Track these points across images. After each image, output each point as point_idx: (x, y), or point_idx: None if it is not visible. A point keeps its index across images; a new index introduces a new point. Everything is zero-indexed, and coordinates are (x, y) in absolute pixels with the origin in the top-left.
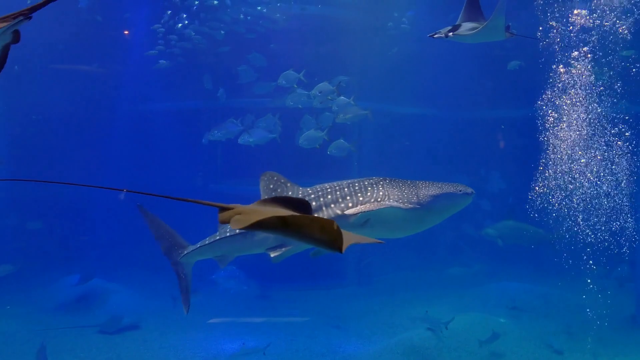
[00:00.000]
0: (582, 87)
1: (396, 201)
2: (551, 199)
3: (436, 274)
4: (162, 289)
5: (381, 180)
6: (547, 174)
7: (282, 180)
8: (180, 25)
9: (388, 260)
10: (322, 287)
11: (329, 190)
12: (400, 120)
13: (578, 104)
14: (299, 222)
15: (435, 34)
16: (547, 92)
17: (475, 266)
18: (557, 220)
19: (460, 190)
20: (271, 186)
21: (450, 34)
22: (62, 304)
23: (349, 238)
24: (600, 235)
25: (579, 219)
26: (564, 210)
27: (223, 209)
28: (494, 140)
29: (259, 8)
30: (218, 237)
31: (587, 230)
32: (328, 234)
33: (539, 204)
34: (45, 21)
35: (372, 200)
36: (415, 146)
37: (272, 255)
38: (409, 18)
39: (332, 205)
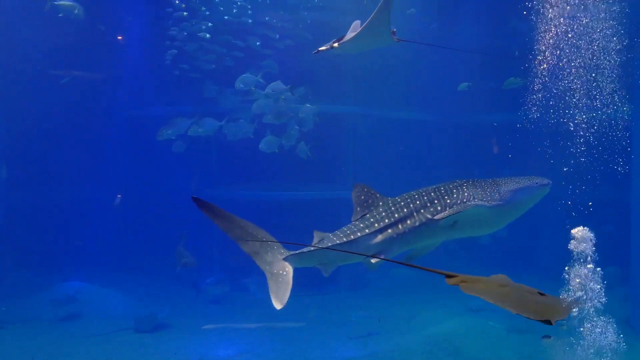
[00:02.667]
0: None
1: (480, 200)
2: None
3: (431, 278)
4: (154, 294)
5: (464, 182)
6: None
7: (372, 192)
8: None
9: (383, 265)
10: (317, 292)
11: (416, 196)
12: (395, 125)
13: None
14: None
15: (319, 50)
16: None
17: (470, 270)
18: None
19: (537, 183)
20: (362, 197)
21: (335, 44)
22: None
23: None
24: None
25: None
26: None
27: (449, 276)
28: (489, 144)
29: (250, 12)
30: (323, 246)
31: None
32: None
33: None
34: (42, 27)
35: (459, 202)
36: (409, 151)
37: (372, 261)
38: (411, 14)
39: (422, 211)
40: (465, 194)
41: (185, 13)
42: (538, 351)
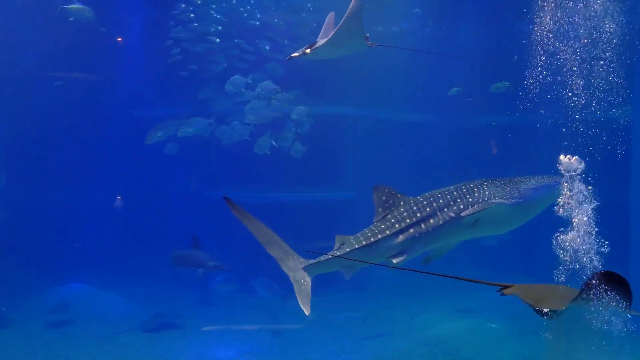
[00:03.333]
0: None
1: (501, 198)
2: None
3: (431, 279)
4: (152, 296)
5: (485, 181)
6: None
7: (393, 192)
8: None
9: (382, 267)
10: (317, 293)
11: (439, 195)
12: (394, 127)
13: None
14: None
15: (292, 56)
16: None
17: (469, 272)
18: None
19: (555, 181)
20: (383, 198)
21: (308, 50)
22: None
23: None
24: (594, 239)
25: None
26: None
27: (504, 287)
28: (488, 146)
29: (244, 11)
30: (347, 249)
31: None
32: None
33: None
34: (41, 28)
35: (480, 200)
36: (409, 152)
37: (394, 261)
38: (415, 14)
39: (446, 209)
40: (487, 192)
41: (192, 15)
42: (538, 353)
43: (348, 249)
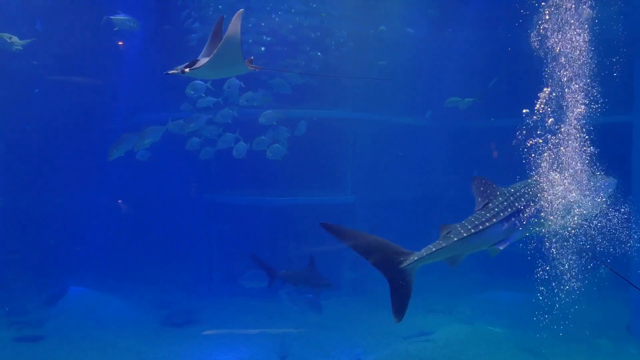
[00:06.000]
0: None
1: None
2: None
3: (430, 282)
4: (153, 299)
5: (561, 176)
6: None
7: (489, 183)
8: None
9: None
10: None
11: (530, 185)
12: (394, 130)
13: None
14: None
15: (168, 72)
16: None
17: (469, 275)
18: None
19: (610, 181)
20: (481, 188)
21: (187, 70)
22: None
23: None
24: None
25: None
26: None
27: None
28: (488, 149)
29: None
30: (455, 239)
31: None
32: None
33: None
34: (42, 31)
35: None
36: (408, 156)
37: (500, 247)
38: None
39: (536, 199)
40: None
41: (191, 19)
42: (538, 356)
43: (456, 238)
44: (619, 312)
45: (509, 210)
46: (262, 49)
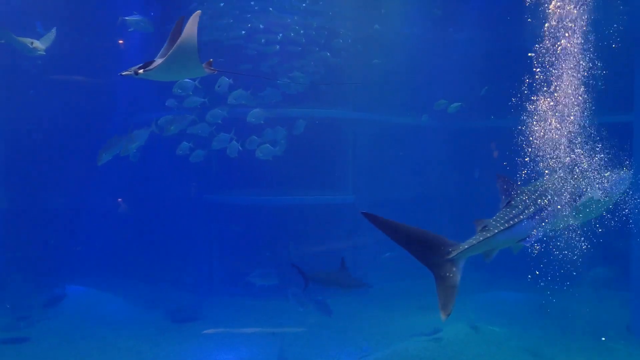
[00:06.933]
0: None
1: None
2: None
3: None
4: (153, 299)
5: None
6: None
7: (512, 181)
8: None
9: (383, 270)
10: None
11: (553, 183)
12: (394, 130)
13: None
14: None
15: (122, 73)
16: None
17: (470, 275)
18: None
19: (624, 175)
20: (505, 187)
21: (141, 71)
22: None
23: None
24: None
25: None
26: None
27: None
28: (488, 149)
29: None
30: (495, 231)
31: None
32: None
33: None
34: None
35: (584, 189)
36: (408, 156)
37: (526, 244)
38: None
39: (561, 196)
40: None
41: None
42: (538, 356)
43: (497, 230)
44: (619, 312)
45: (536, 206)
46: (277, 47)
